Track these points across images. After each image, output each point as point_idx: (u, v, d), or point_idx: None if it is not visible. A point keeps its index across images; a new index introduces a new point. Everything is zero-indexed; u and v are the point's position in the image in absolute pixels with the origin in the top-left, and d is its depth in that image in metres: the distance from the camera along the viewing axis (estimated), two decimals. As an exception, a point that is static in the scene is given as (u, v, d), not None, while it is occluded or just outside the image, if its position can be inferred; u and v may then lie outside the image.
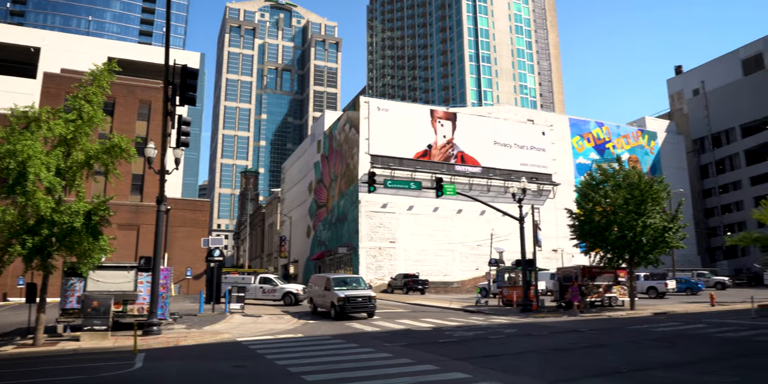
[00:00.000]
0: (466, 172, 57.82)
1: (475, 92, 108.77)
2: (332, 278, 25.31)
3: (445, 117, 58.67)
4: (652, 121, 79.55)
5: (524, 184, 31.07)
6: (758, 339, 16.00)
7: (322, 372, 11.26)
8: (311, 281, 28.53)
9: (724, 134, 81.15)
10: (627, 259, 28.04)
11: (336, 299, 23.50)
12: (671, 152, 76.48)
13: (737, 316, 23.73)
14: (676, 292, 42.39)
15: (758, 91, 75.28)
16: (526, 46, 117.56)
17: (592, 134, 69.70)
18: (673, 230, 27.58)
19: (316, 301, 26.44)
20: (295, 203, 79.21)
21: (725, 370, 11.18)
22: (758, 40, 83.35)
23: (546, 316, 25.34)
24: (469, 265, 56.05)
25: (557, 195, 61.76)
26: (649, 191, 27.59)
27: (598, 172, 30.05)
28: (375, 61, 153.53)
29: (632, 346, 15.15)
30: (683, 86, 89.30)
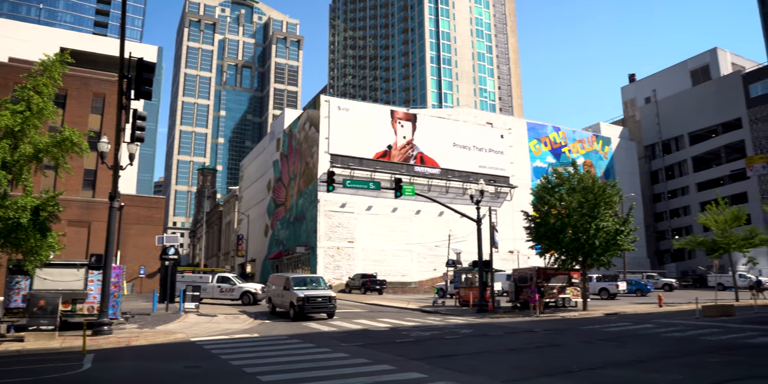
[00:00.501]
0: (426, 173, 58.21)
1: (436, 94, 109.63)
2: (292, 278, 24.80)
3: (406, 118, 58.93)
4: (606, 127, 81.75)
5: (482, 186, 31.49)
6: (702, 338, 16.61)
7: (278, 372, 11.14)
8: (270, 281, 28.00)
9: (673, 141, 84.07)
10: (580, 261, 28.71)
11: (295, 299, 22.99)
12: (624, 157, 78.78)
13: (683, 317, 24.60)
14: (627, 293, 43.67)
15: (705, 100, 78.27)
16: (486, 50, 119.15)
17: (549, 138, 71.15)
18: (624, 233, 28.38)
19: (275, 301, 25.87)
20: (253, 202, 78.27)
21: (671, 368, 11.56)
22: (705, 52, 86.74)
23: (502, 316, 25.72)
24: (426, 266, 56.46)
25: (514, 197, 62.79)
26: (603, 195, 28.32)
27: (554, 176, 30.69)
28: (337, 60, 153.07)
29: (584, 346, 15.53)
30: (636, 94, 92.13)
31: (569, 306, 30.24)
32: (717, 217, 38.00)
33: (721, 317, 24.00)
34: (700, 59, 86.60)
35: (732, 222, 37.51)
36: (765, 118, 71.22)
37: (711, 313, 24.68)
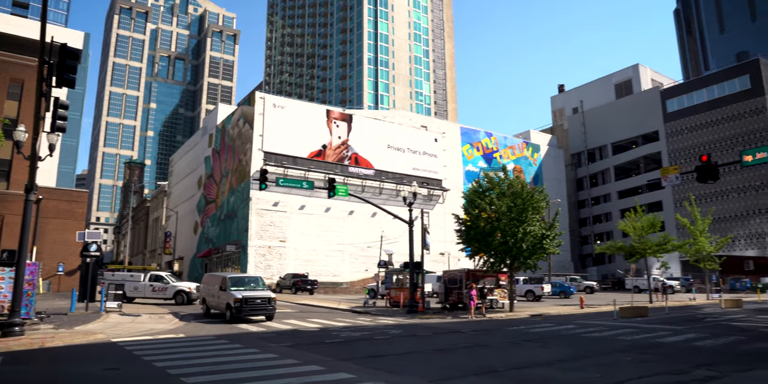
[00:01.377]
0: (360, 174, 58.30)
1: (372, 95, 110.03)
2: (229, 277, 23.43)
3: (341, 118, 58.82)
4: (536, 135, 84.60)
5: (415, 189, 31.84)
6: (618, 338, 17.44)
7: (203, 373, 10.84)
8: (205, 280, 26.56)
9: (598, 150, 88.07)
10: (508, 263, 29.51)
11: (232, 300, 21.69)
12: (552, 165, 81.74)
13: (602, 318, 25.74)
14: (551, 295, 45.27)
15: (628, 113, 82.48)
16: (423, 54, 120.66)
17: (481, 143, 72.85)
18: (550, 237, 29.38)
19: (210, 302, 24.45)
20: (182, 198, 75.91)
21: (590, 367, 12.06)
22: (628, 67, 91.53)
23: (431, 317, 26.08)
24: (358, 266, 56.53)
25: (446, 200, 63.88)
26: (531, 200, 29.22)
27: (485, 180, 31.40)
28: (273, 56, 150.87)
29: (510, 346, 15.97)
30: (565, 104, 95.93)
31: (497, 307, 31.02)
32: (635, 223, 40.09)
33: (636, 318, 25.28)
34: (624, 74, 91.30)
35: (648, 228, 39.68)
36: (680, 131, 75.79)
37: (627, 315, 25.96)
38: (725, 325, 21.60)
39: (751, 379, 10.64)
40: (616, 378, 10.54)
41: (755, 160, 18.96)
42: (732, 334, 18.40)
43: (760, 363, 12.39)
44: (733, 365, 11.99)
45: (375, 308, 30.80)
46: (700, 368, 11.55)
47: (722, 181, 66.44)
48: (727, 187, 69.78)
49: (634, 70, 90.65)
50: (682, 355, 13.59)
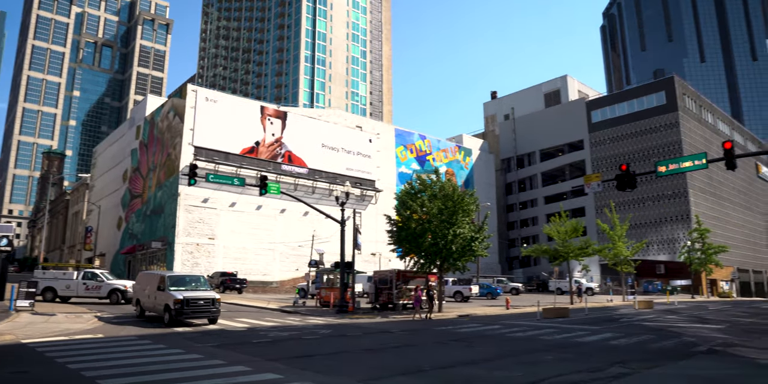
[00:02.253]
0: (293, 172, 57.70)
1: (308, 93, 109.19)
2: (168, 276, 21.59)
3: (276, 115, 58.02)
4: (468, 139, 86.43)
5: (348, 189, 31.84)
6: (540, 338, 18.10)
7: (122, 375, 10.42)
8: (138, 280, 24.53)
9: (526, 157, 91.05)
10: (438, 264, 30.00)
11: (172, 301, 19.85)
12: (483, 169, 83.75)
13: (526, 318, 26.62)
14: (479, 296, 46.35)
15: (555, 122, 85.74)
16: (360, 54, 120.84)
17: (415, 146, 73.70)
18: (479, 240, 30.10)
19: (145, 303, 22.52)
20: (106, 191, 72.56)
21: (513, 365, 12.45)
22: (557, 78, 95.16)
23: (361, 317, 26.15)
24: (289, 266, 55.89)
25: (379, 201, 64.20)
26: (461, 203, 29.82)
27: (418, 182, 31.80)
28: (208, 49, 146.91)
29: (438, 346, 16.25)
30: (497, 110, 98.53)
31: (426, 308, 31.45)
32: (559, 228, 41.73)
33: (558, 319, 26.30)
34: (553, 84, 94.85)
35: (571, 233, 41.41)
36: (602, 141, 79.50)
37: (549, 315, 26.98)
38: (638, 325, 22.83)
39: (657, 374, 11.30)
40: (538, 376, 10.92)
41: (668, 171, 20.13)
42: (643, 333, 19.47)
43: (666, 360, 13.17)
44: (643, 362, 12.69)
45: (305, 308, 30.58)
46: (614, 366, 12.15)
47: (639, 189, 70.14)
48: (644, 196, 73.76)
49: (563, 80, 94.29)
50: (598, 354, 14.25)
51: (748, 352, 14.45)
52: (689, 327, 22.06)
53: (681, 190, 71.63)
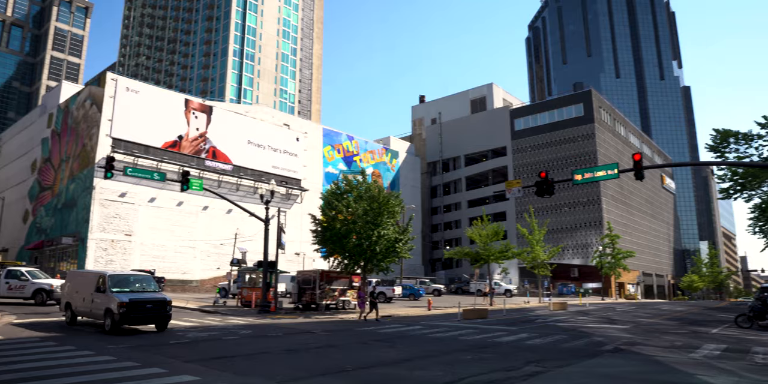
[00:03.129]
0: (217, 169, 56.25)
1: (236, 89, 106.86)
2: (110, 276, 18.66)
3: (201, 109, 56.37)
4: (396, 142, 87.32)
5: (273, 187, 31.42)
6: (460, 338, 18.52)
7: (22, 381, 9.77)
8: (69, 280, 21.52)
9: (452, 161, 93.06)
10: (362, 265, 30.10)
11: (115, 305, 17.18)
12: (409, 171, 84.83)
13: (447, 319, 27.14)
14: (402, 297, 46.82)
15: (481, 128, 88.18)
16: (291, 52, 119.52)
17: (342, 146, 73.65)
18: (403, 242, 30.47)
19: (79, 307, 19.42)
20: (11, 182, 67.82)
21: (433, 365, 12.65)
22: (483, 85, 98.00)
23: (283, 317, 25.82)
24: (210, 264, 54.38)
25: (305, 200, 63.67)
26: (387, 205, 30.08)
27: (344, 183, 31.81)
28: (131, 37, 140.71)
29: (360, 346, 16.28)
30: (424, 114, 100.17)
31: (349, 308, 31.49)
32: (481, 231, 42.90)
33: (477, 319, 27.01)
34: (479, 91, 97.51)
35: (492, 236, 42.67)
36: (524, 149, 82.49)
37: (470, 316, 27.65)
38: (552, 326, 23.81)
39: (567, 372, 11.83)
40: (457, 375, 11.16)
41: (584, 179, 21.15)
42: (557, 333, 20.33)
43: (577, 358, 13.82)
44: (555, 361, 13.25)
45: (225, 308, 29.86)
46: (529, 365, 12.61)
47: (557, 196, 73.27)
48: (561, 202, 77.13)
49: (489, 88, 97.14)
50: (515, 353, 14.75)
51: (649, 350, 15.39)
52: (598, 327, 23.24)
53: (595, 198, 75.44)
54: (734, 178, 25.79)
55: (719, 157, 25.08)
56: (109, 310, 17.52)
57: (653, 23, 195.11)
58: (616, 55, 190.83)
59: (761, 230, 28.55)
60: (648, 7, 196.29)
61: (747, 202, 27.00)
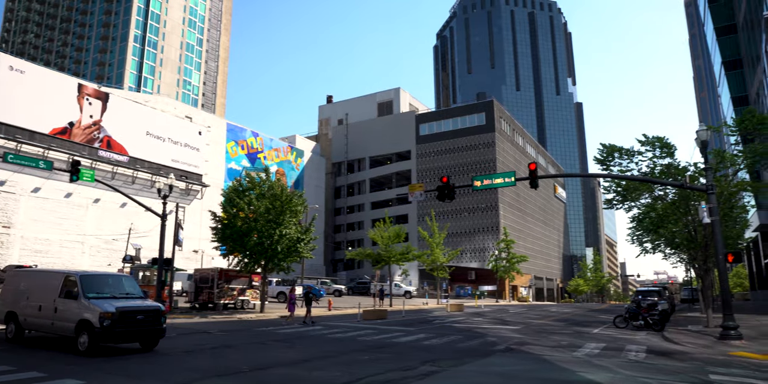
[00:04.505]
0: (111, 160, 53.14)
1: (135, 76, 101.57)
2: (82, 276, 14.28)
3: (96, 95, 53.04)
4: (302, 140, 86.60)
5: (172, 181, 30.14)
6: (359, 339, 18.66)
7: None
8: (10, 281, 16.52)
9: (357, 162, 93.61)
10: (262, 264, 29.59)
11: (96, 316, 12.98)
12: (313, 171, 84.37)
13: (347, 320, 27.28)
14: (302, 297, 46.29)
15: (387, 131, 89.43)
16: (197, 42, 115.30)
17: (246, 142, 72.01)
18: (305, 241, 30.30)
19: (30, 318, 14.87)
20: None
21: (331, 366, 12.66)
22: (391, 89, 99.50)
23: (178, 317, 24.86)
24: (101, 261, 51.15)
25: (205, 196, 61.59)
26: (289, 204, 29.80)
27: (247, 180, 31.18)
28: (17, 11, 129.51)
29: (257, 347, 15.97)
30: (331, 114, 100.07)
31: (248, 308, 30.84)
32: (383, 233, 43.47)
33: (377, 320, 27.33)
34: (387, 95, 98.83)
35: (394, 238, 43.37)
36: (428, 153, 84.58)
37: (369, 317, 27.94)
38: (449, 327, 24.55)
39: (461, 371, 12.25)
40: (355, 375, 11.24)
41: (483, 186, 22.02)
42: (453, 334, 21.00)
43: (471, 357, 14.34)
44: (450, 360, 13.68)
45: (112, 307, 28.20)
46: (425, 364, 12.93)
47: (458, 201, 75.71)
48: (461, 207, 79.77)
49: (396, 92, 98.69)
50: (412, 353, 15.06)
51: (538, 349, 16.28)
52: (492, 328, 24.25)
53: (493, 204, 78.71)
54: (617, 190, 27.80)
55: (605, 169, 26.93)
56: (86, 323, 13.12)
57: (552, 42, 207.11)
58: (517, 68, 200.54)
59: (637, 239, 30.98)
60: (548, 26, 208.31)
61: (627, 212, 29.21)
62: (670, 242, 29.26)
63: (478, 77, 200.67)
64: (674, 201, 26.15)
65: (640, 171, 26.30)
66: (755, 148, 24.06)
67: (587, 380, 10.96)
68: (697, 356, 15.11)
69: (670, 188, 25.97)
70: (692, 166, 26.20)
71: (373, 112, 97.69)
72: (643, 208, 28.28)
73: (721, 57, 52.09)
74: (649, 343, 18.48)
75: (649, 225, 28.18)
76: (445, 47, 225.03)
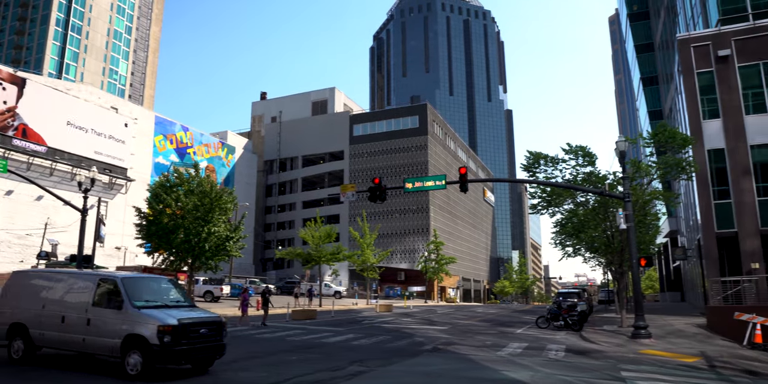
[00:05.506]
0: (27, 149, 50.20)
1: (57, 62, 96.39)
2: (123, 279, 11.56)
3: (11, 80, 49.97)
4: (233, 137, 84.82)
5: (94, 174, 28.80)
6: (288, 339, 18.53)
7: None
8: (18, 285, 13.02)
9: (290, 161, 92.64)
10: (189, 263, 28.78)
11: (154, 331, 10.29)
12: (245, 168, 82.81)
13: (276, 320, 26.94)
14: (230, 296, 45.35)
15: (321, 130, 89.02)
16: (125, 30, 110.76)
17: (176, 136, 69.82)
18: (234, 240, 29.67)
19: (52, 333, 11.61)
20: None
21: (258, 366, 12.52)
22: (326, 89, 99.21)
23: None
24: (12, 257, 48.09)
25: (130, 191, 59.22)
26: (219, 201, 29.09)
27: (175, 175, 30.22)
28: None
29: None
30: (265, 111, 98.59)
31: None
32: (314, 233, 43.27)
33: (306, 320, 27.17)
34: (321, 94, 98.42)
35: (325, 238, 43.25)
36: (361, 154, 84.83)
37: (298, 317, 27.74)
38: (378, 327, 24.74)
39: (389, 371, 12.42)
40: (282, 376, 11.16)
41: (414, 188, 22.37)
42: (382, 334, 21.19)
43: (399, 357, 14.55)
44: (379, 360, 13.83)
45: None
46: (353, 364, 13.01)
47: (389, 202, 76.29)
48: (393, 208, 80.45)
49: (331, 92, 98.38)
50: (340, 353, 15.11)
51: (464, 349, 16.70)
52: (420, 328, 24.63)
53: (424, 206, 79.85)
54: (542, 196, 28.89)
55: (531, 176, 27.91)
56: (137, 339, 10.38)
57: (485, 49, 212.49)
58: (451, 74, 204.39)
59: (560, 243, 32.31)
60: (482, 34, 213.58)
61: (551, 217, 30.38)
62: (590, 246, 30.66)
63: (413, 80, 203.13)
64: (594, 207, 27.44)
65: (564, 178, 27.43)
66: (667, 160, 25.67)
67: (510, 378, 11.36)
68: (611, 354, 15.98)
69: (591, 195, 27.24)
70: (611, 174, 27.63)
71: (307, 110, 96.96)
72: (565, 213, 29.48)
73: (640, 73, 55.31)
74: (568, 342, 19.34)
75: (571, 230, 29.42)
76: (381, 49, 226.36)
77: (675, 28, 40.22)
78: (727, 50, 25.44)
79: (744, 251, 23.67)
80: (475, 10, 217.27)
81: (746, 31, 25.68)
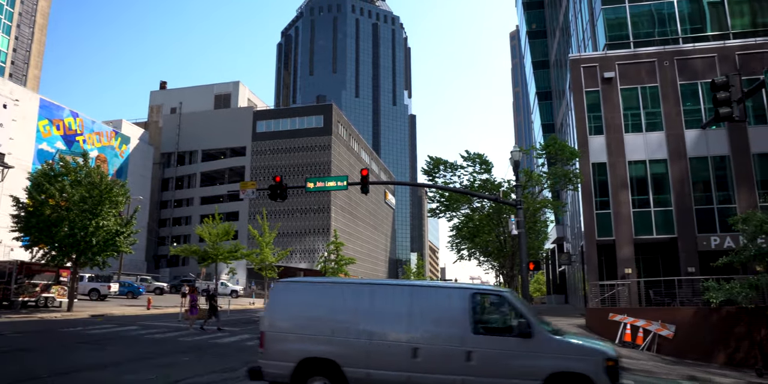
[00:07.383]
0: None
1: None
2: (512, 294, 9.23)
3: None
4: (128, 126, 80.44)
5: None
6: (180, 339, 17.94)
7: None
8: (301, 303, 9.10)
9: (188, 154, 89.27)
10: (74, 258, 27.12)
11: (600, 367, 7.83)
12: (140, 160, 78.77)
13: (168, 319, 25.94)
14: (119, 295, 42.98)
15: (223, 125, 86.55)
16: (8, 2, 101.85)
17: (63, 122, 65.19)
18: (124, 235, 28.32)
19: (394, 373, 8.20)
20: None
21: (147, 368, 12.07)
22: (230, 82, 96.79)
23: (-41, 316, 21.77)
24: None
25: (7, 179, 54.45)
26: (109, 193, 27.72)
27: (61, 164, 28.43)
28: None
29: (61, 350, 14.65)
30: (164, 101, 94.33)
31: (53, 306, 28.01)
32: (212, 230, 42.11)
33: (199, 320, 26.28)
34: (225, 87, 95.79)
35: (223, 236, 42.21)
36: (264, 151, 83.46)
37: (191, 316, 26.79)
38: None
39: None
40: (172, 378, 10.88)
41: (316, 188, 22.45)
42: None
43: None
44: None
45: None
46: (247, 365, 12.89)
47: (290, 201, 75.53)
48: (294, 207, 79.72)
49: (235, 86, 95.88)
50: (234, 354, 14.88)
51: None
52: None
53: (325, 206, 79.83)
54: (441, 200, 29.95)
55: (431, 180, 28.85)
56: (570, 379, 7.76)
57: (392, 54, 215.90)
58: (358, 76, 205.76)
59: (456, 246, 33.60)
60: (390, 39, 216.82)
61: (449, 221, 31.56)
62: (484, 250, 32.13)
63: (320, 80, 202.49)
64: (489, 213, 28.82)
65: (462, 184, 28.59)
66: (556, 171, 27.48)
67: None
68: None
69: (486, 201, 28.59)
70: (506, 182, 29.15)
71: (209, 103, 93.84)
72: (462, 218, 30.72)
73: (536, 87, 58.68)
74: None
75: (467, 234, 30.70)
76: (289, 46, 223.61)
77: (568, 48, 43.13)
78: (612, 73, 27.68)
79: (620, 258, 25.85)
80: (385, 15, 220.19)
81: (628, 57, 28.09)
